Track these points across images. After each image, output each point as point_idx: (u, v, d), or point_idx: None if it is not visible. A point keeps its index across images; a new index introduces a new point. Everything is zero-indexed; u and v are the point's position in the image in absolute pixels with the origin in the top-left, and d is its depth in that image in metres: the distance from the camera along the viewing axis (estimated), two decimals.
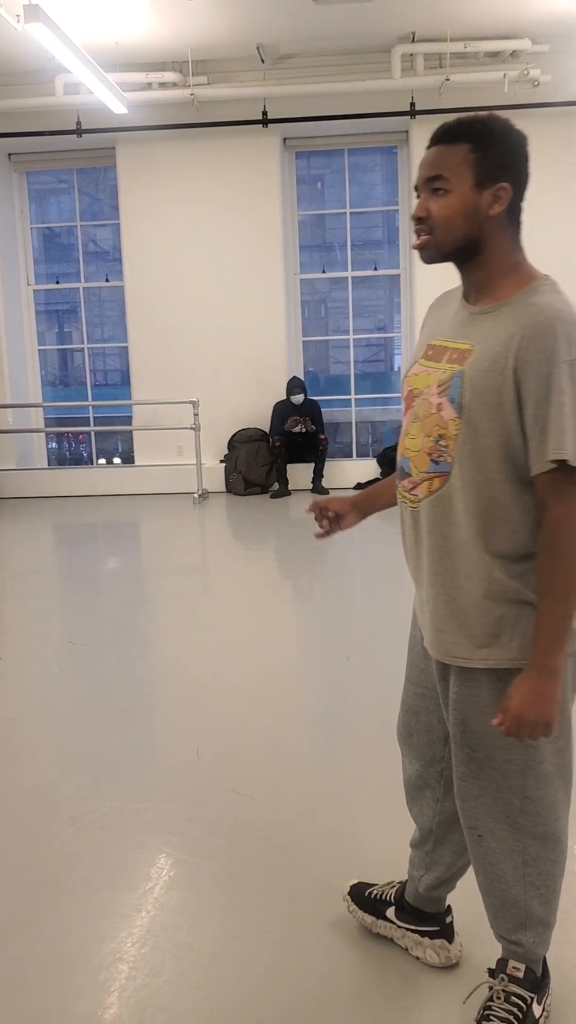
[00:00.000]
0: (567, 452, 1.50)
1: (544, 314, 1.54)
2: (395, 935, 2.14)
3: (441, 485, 1.65)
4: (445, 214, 1.63)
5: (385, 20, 7.90)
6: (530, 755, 1.70)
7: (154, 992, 2.03)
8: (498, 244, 1.66)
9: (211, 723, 3.54)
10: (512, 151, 1.64)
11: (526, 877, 1.78)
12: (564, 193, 9.08)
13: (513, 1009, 1.81)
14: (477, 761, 1.75)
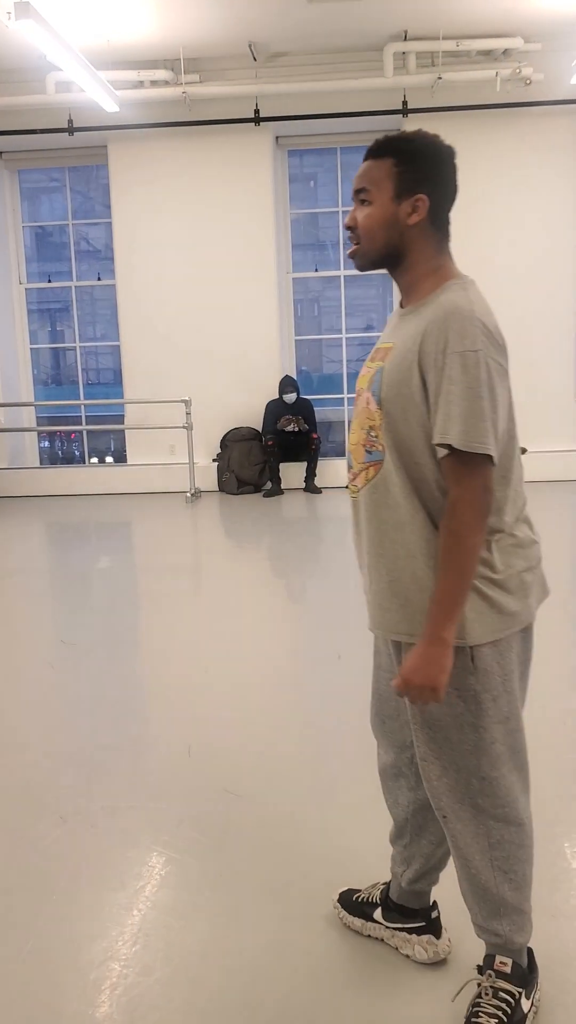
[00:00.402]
0: (451, 437, 1.61)
1: (443, 309, 1.66)
2: (384, 935, 2.15)
3: (376, 473, 1.76)
4: (367, 223, 1.76)
5: (377, 18, 7.90)
6: (480, 735, 1.76)
7: (145, 991, 2.02)
8: (420, 250, 1.77)
9: (202, 722, 3.53)
10: (433, 165, 1.75)
11: (493, 861, 1.81)
12: (555, 190, 9.10)
13: (502, 1005, 1.82)
14: (436, 741, 1.80)
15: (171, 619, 4.97)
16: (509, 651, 1.76)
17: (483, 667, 1.74)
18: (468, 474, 1.63)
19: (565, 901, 2.29)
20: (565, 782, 2.92)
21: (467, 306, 1.65)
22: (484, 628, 1.72)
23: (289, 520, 7.77)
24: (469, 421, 1.61)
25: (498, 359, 1.65)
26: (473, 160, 9.10)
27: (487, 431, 1.61)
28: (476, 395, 1.61)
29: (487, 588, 1.72)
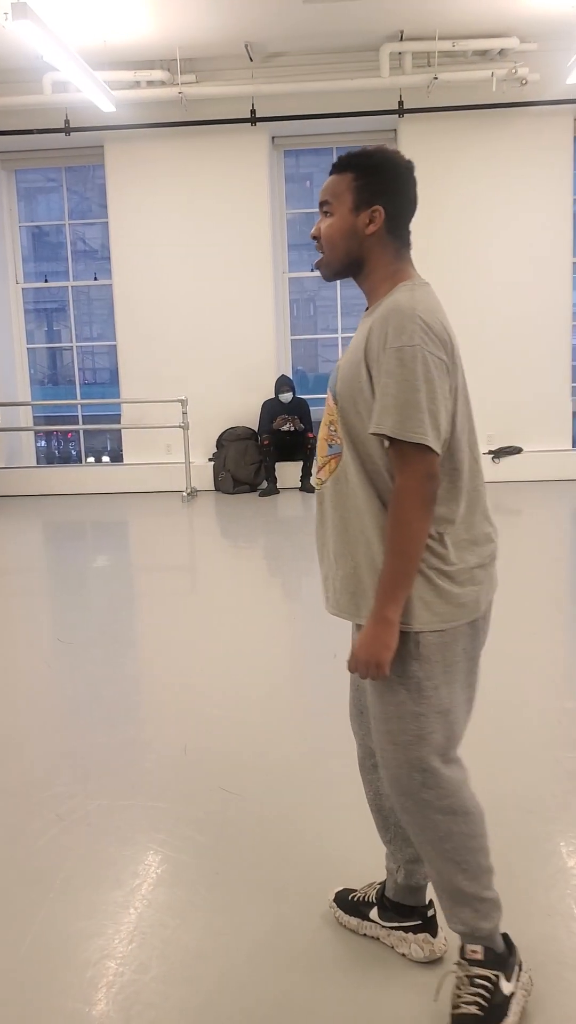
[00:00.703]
0: (385, 426, 1.70)
1: (387, 308, 1.75)
2: (380, 935, 2.16)
3: (337, 466, 1.87)
4: (329, 233, 1.88)
5: (373, 19, 7.91)
6: (421, 724, 1.81)
7: (141, 988, 2.03)
8: (378, 257, 1.87)
9: (198, 721, 3.54)
10: (389, 178, 1.85)
11: (444, 853, 1.86)
12: (551, 190, 9.11)
13: (479, 991, 1.84)
14: (380, 734, 1.87)
15: (167, 618, 4.97)
16: (454, 643, 1.82)
17: (426, 654, 1.80)
18: (408, 463, 1.71)
19: (560, 900, 2.30)
20: (560, 782, 2.93)
21: (409, 304, 1.73)
22: (432, 616, 1.79)
23: (285, 519, 7.78)
24: (404, 411, 1.69)
25: (438, 354, 1.72)
26: (469, 160, 9.11)
27: (423, 421, 1.69)
28: (412, 387, 1.69)
29: (438, 578, 1.79)
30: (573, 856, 2.49)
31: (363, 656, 1.76)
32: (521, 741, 3.25)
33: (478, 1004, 1.83)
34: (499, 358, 9.39)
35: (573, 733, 3.30)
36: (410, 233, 1.91)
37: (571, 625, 4.59)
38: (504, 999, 1.85)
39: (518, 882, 2.38)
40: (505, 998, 1.86)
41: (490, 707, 3.56)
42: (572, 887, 2.35)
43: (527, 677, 3.89)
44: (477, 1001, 1.83)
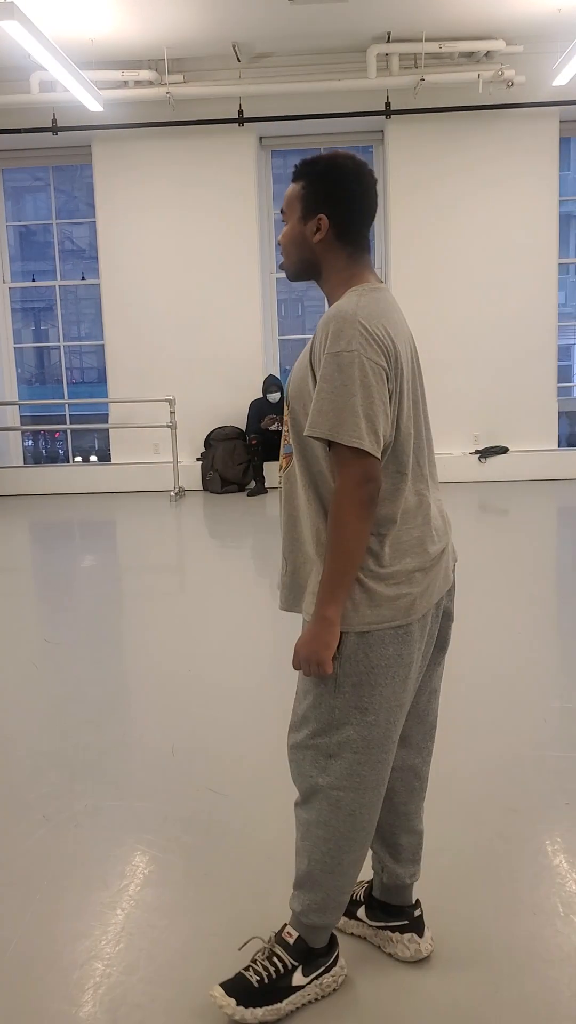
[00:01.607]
0: (319, 430, 1.72)
1: (330, 313, 1.77)
2: (367, 933, 2.17)
3: (288, 464, 1.91)
4: (284, 241, 1.94)
5: (360, 20, 7.93)
6: (333, 715, 1.85)
7: (128, 989, 2.03)
8: (332, 264, 1.90)
9: (186, 721, 3.54)
10: (333, 187, 1.85)
11: (314, 838, 1.91)
12: (536, 191, 9.15)
13: (270, 968, 1.94)
14: (297, 714, 1.93)
15: (155, 618, 4.97)
16: (382, 645, 1.81)
17: (347, 653, 1.81)
18: (345, 466, 1.72)
19: (546, 898, 2.31)
20: (546, 780, 2.95)
21: (351, 310, 1.74)
22: (355, 617, 1.80)
23: (273, 519, 7.78)
24: (341, 415, 1.70)
25: (376, 360, 1.72)
26: (455, 161, 9.14)
27: (359, 425, 1.69)
28: (348, 392, 1.70)
29: (368, 579, 1.80)
30: (559, 854, 2.51)
31: (304, 653, 1.80)
32: (507, 740, 3.26)
33: (261, 978, 1.92)
34: (485, 358, 9.41)
35: (559, 732, 3.32)
36: (367, 238, 1.91)
37: (557, 624, 4.61)
38: (287, 987, 1.93)
39: (504, 880, 2.40)
40: (289, 987, 1.94)
41: (476, 706, 3.58)
42: (557, 885, 2.36)
43: (513, 676, 3.90)
44: (262, 975, 1.93)
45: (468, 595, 5.19)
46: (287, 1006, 1.92)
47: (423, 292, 9.37)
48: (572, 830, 2.63)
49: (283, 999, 1.92)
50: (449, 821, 2.71)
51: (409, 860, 2.10)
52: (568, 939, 2.15)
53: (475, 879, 2.41)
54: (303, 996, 1.95)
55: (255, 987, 1.91)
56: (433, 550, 1.87)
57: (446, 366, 9.43)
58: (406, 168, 9.18)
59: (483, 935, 2.18)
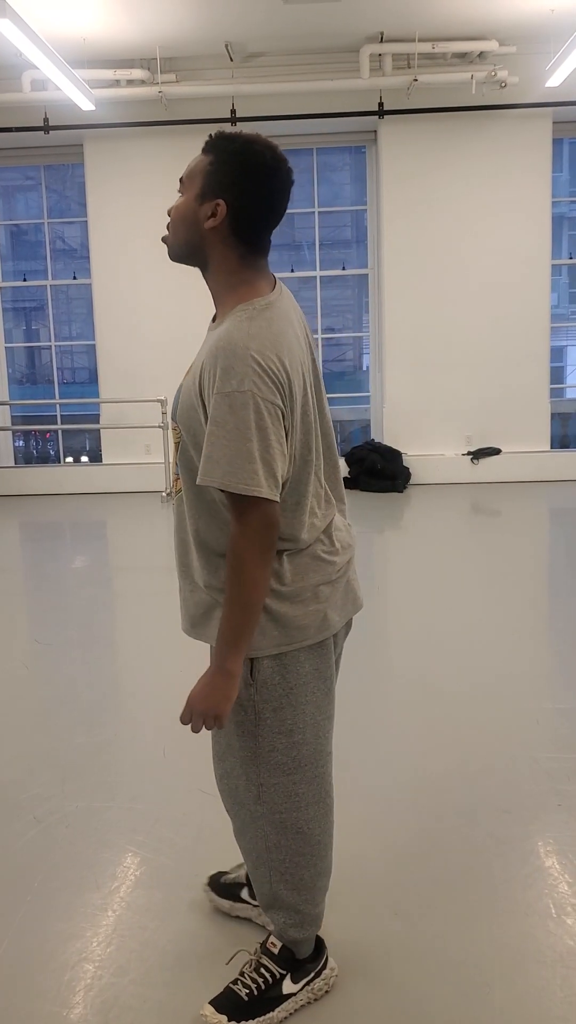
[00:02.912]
0: (214, 479, 1.57)
1: (219, 344, 1.58)
2: (252, 914, 2.22)
3: (180, 487, 1.80)
4: (174, 215, 1.72)
5: (354, 20, 7.93)
6: (259, 743, 1.80)
7: (120, 991, 2.02)
8: (221, 259, 1.71)
9: (177, 723, 3.52)
10: (244, 173, 1.64)
11: (270, 862, 1.89)
12: (530, 192, 9.16)
13: (259, 980, 1.92)
14: (220, 744, 1.89)
15: (146, 619, 4.96)
16: (297, 664, 1.75)
17: (262, 679, 1.75)
18: (243, 513, 1.59)
19: (538, 899, 2.31)
20: (538, 782, 2.95)
21: (242, 341, 1.57)
22: (265, 641, 1.72)
23: None
24: (235, 463, 1.55)
25: (271, 399, 1.57)
26: (448, 161, 9.15)
27: (256, 472, 1.56)
28: (243, 437, 1.55)
29: (271, 601, 1.71)
30: (551, 856, 2.50)
31: (200, 707, 1.67)
32: (500, 741, 3.26)
33: (250, 991, 1.91)
34: (478, 359, 9.42)
35: (551, 733, 3.32)
36: (268, 241, 1.72)
37: (549, 626, 4.61)
38: (278, 996, 1.92)
39: (496, 882, 2.39)
40: (280, 996, 1.92)
41: (469, 707, 3.58)
42: (550, 886, 2.36)
43: (506, 677, 3.90)
44: (251, 988, 1.91)
45: (460, 597, 5.19)
46: (279, 1014, 1.90)
47: (416, 293, 9.37)
48: (564, 831, 2.63)
49: (274, 1008, 1.90)
50: (442, 822, 2.71)
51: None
52: (560, 940, 2.14)
53: (467, 880, 2.41)
54: (295, 1003, 1.94)
55: (245, 1000, 1.89)
56: (338, 561, 1.80)
57: (439, 367, 9.44)
58: (399, 168, 9.18)
59: (475, 936, 2.17)
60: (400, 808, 2.80)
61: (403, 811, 2.77)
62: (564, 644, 4.31)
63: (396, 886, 2.38)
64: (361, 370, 10.50)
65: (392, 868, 2.46)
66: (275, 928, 1.95)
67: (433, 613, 4.86)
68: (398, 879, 2.42)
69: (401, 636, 4.50)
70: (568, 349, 11.77)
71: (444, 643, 4.38)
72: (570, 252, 10.07)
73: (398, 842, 2.60)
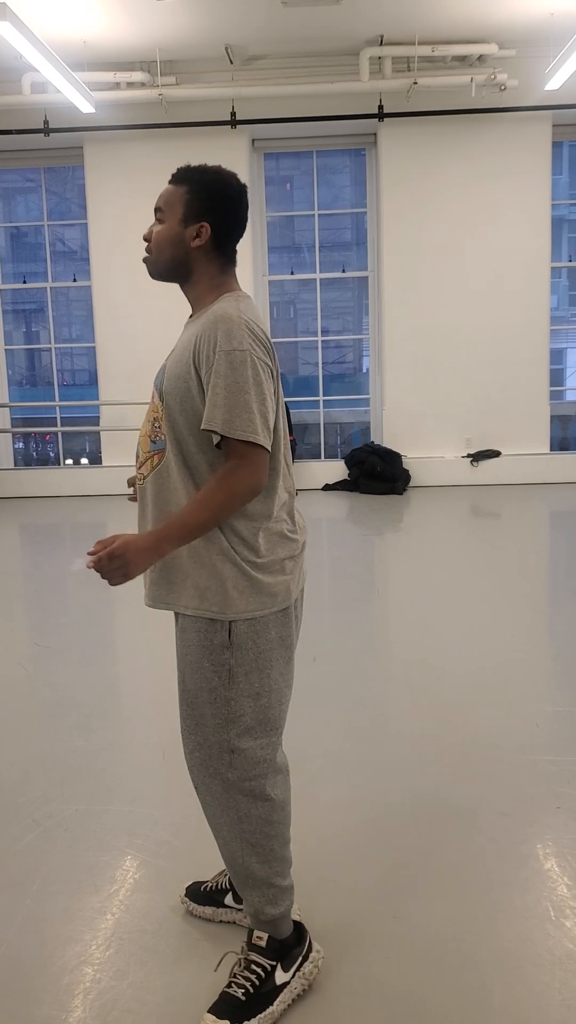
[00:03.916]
0: (215, 424, 1.78)
1: (215, 315, 1.85)
2: (236, 918, 2.25)
3: (160, 461, 1.94)
4: (158, 240, 1.99)
5: (353, 23, 7.94)
6: (231, 707, 1.91)
7: (119, 995, 2.02)
8: (204, 270, 1.98)
9: (176, 725, 3.52)
10: (220, 199, 1.94)
11: (241, 834, 1.97)
12: (529, 195, 9.17)
13: (251, 976, 1.95)
14: (193, 717, 1.95)
15: (145, 622, 4.96)
16: (266, 630, 1.91)
17: (239, 642, 1.89)
18: (241, 458, 1.79)
19: (536, 902, 2.31)
20: (537, 785, 2.95)
21: (235, 313, 1.84)
22: (244, 604, 1.88)
23: None
24: (234, 411, 1.78)
25: (263, 359, 1.84)
26: (448, 164, 9.15)
27: (253, 420, 1.78)
28: (242, 389, 1.79)
29: (251, 569, 1.89)
30: (549, 859, 2.50)
31: (117, 559, 1.75)
32: (499, 744, 3.26)
33: (245, 990, 1.93)
34: (478, 362, 9.43)
35: (551, 736, 3.32)
36: (236, 252, 2.03)
37: (549, 628, 4.61)
38: (273, 988, 1.96)
39: (495, 884, 2.39)
40: (275, 987, 1.96)
41: (467, 709, 3.58)
42: (548, 889, 2.36)
43: (505, 680, 3.90)
44: (245, 987, 1.94)
45: (460, 599, 5.19)
46: (279, 1006, 1.94)
47: (416, 295, 9.37)
48: (563, 834, 2.63)
49: (272, 1001, 1.94)
50: (440, 825, 2.71)
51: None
52: (559, 943, 2.14)
53: (466, 883, 2.41)
54: (291, 992, 1.97)
55: (243, 1000, 1.92)
56: (300, 540, 2.01)
57: (439, 370, 9.44)
58: (399, 171, 9.19)
59: (474, 939, 2.17)
60: (399, 811, 2.80)
61: (403, 814, 2.77)
62: (564, 647, 4.31)
63: (395, 889, 2.38)
64: (361, 372, 10.51)
65: (391, 871, 2.46)
66: (252, 911, 2.00)
67: (432, 615, 4.86)
68: (397, 882, 2.42)
69: (400, 638, 4.50)
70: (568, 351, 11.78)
71: (443, 645, 4.38)
72: (570, 255, 10.08)
73: (397, 845, 2.59)
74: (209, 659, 1.90)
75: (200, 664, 1.91)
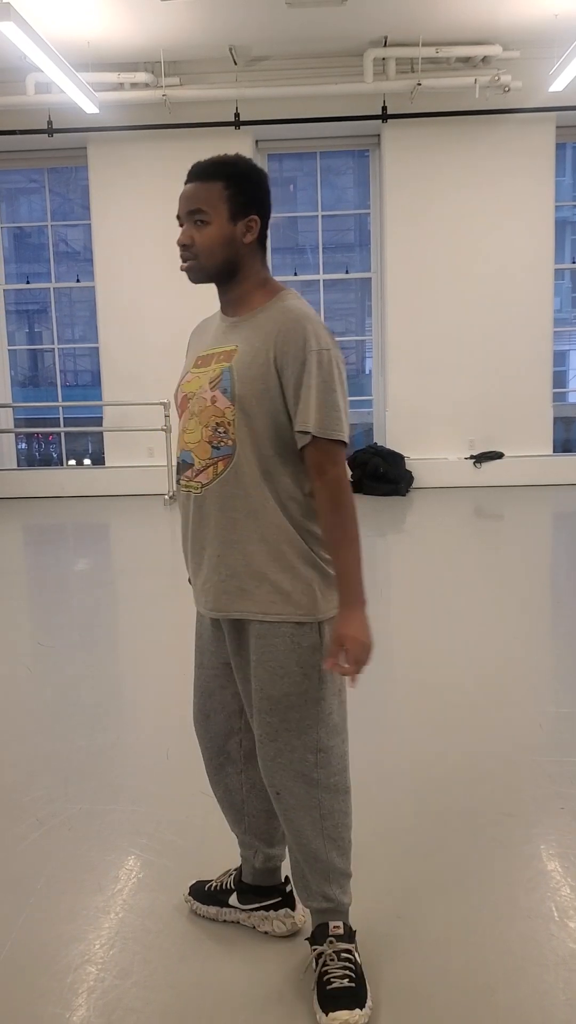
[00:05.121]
0: (310, 425, 1.79)
1: (294, 314, 1.84)
2: (240, 918, 2.25)
3: (226, 467, 1.88)
4: (207, 243, 1.88)
5: (357, 24, 7.94)
6: (321, 707, 1.92)
7: (123, 994, 2.02)
8: (250, 265, 1.93)
9: (180, 725, 3.53)
10: (258, 188, 1.90)
11: (324, 831, 1.97)
12: (533, 197, 9.17)
13: (348, 964, 1.96)
14: (276, 723, 1.92)
15: (149, 621, 4.96)
16: (331, 625, 1.93)
17: (326, 641, 1.91)
18: (331, 457, 1.82)
19: (540, 903, 2.31)
20: (540, 785, 2.95)
21: (309, 312, 1.85)
22: (328, 603, 1.91)
23: None
24: (324, 411, 1.80)
25: (341, 358, 1.87)
26: (452, 166, 9.15)
27: (341, 419, 1.82)
28: (331, 388, 1.81)
29: (327, 567, 1.91)
30: (553, 859, 2.50)
31: (365, 639, 1.83)
32: (502, 745, 3.26)
33: (350, 977, 1.93)
34: (481, 363, 9.43)
35: (555, 737, 3.32)
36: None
37: (552, 629, 4.61)
38: (362, 969, 1.98)
39: (498, 885, 2.39)
40: (361, 968, 1.98)
41: (471, 710, 3.58)
42: (552, 890, 2.36)
43: (508, 681, 3.90)
44: (348, 975, 1.94)
45: (464, 600, 5.19)
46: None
47: (419, 297, 9.37)
48: (567, 835, 2.63)
49: (366, 979, 1.98)
50: (444, 825, 2.71)
51: (280, 840, 2.18)
52: (563, 943, 2.14)
53: (470, 883, 2.41)
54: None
55: (354, 987, 1.92)
56: None
57: (442, 371, 9.44)
58: (402, 172, 9.19)
59: (478, 939, 2.17)
60: (403, 811, 2.80)
61: (406, 814, 2.77)
62: (567, 648, 4.31)
63: (399, 889, 2.39)
64: (364, 373, 10.51)
65: (395, 871, 2.46)
66: (331, 905, 2.00)
67: (436, 616, 4.86)
68: (401, 882, 2.42)
69: (403, 639, 4.50)
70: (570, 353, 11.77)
71: (447, 647, 4.38)
72: (573, 256, 10.08)
73: (401, 845, 2.60)
74: (298, 663, 1.89)
75: (288, 669, 1.89)
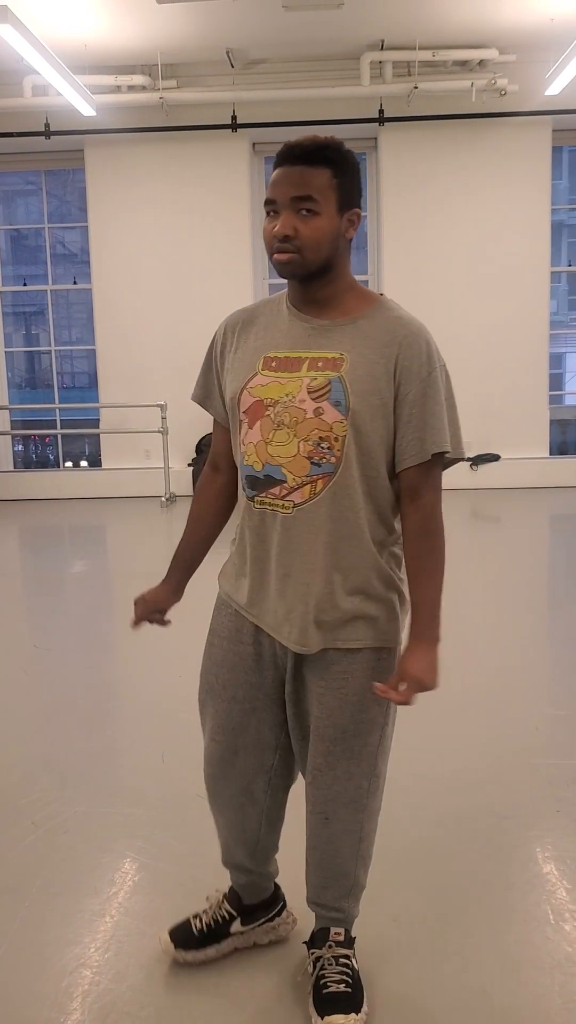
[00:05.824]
0: (447, 444, 1.73)
1: (414, 326, 1.74)
2: (238, 943, 2.15)
3: (325, 486, 1.71)
4: (316, 235, 1.68)
5: (354, 27, 7.95)
6: (383, 733, 1.87)
7: (117, 998, 2.02)
8: (344, 263, 1.77)
9: (176, 728, 3.52)
10: (358, 178, 1.74)
11: (359, 852, 1.95)
12: (529, 200, 9.19)
13: (345, 969, 1.95)
14: (335, 754, 1.84)
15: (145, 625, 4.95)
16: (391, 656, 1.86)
17: (392, 669, 1.84)
18: (431, 482, 1.76)
19: (537, 906, 2.31)
20: (537, 788, 2.95)
21: (420, 324, 1.76)
22: (401, 630, 1.85)
23: None
24: (454, 429, 1.76)
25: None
26: (448, 169, 9.16)
27: (461, 437, 1.78)
28: (454, 407, 1.78)
29: (404, 587, 1.84)
30: (549, 862, 2.50)
31: (429, 680, 1.75)
32: (498, 748, 3.26)
33: (346, 982, 1.93)
34: (477, 366, 9.43)
35: (550, 740, 3.32)
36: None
37: (548, 632, 4.62)
38: (359, 975, 1.97)
39: (495, 888, 2.39)
40: (359, 973, 1.97)
41: (468, 714, 3.57)
42: (548, 893, 2.36)
43: (504, 684, 3.90)
44: (345, 980, 1.93)
45: (460, 603, 5.19)
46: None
47: (415, 299, 9.36)
48: (563, 838, 2.63)
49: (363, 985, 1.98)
50: (441, 828, 2.71)
51: (274, 855, 2.16)
52: (559, 946, 2.14)
53: (466, 886, 2.40)
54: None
55: (351, 992, 1.92)
56: None
57: None
58: (399, 175, 9.20)
59: (474, 942, 2.17)
60: (399, 814, 2.79)
61: (402, 817, 2.77)
62: (563, 651, 4.31)
63: (395, 893, 2.38)
64: None
65: (391, 874, 2.46)
66: (342, 916, 1.99)
67: None
68: (397, 885, 2.42)
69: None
70: (567, 356, 11.79)
71: (443, 649, 4.37)
72: (569, 259, 10.10)
73: (397, 848, 2.59)
74: (370, 691, 1.80)
75: (361, 696, 1.80)
